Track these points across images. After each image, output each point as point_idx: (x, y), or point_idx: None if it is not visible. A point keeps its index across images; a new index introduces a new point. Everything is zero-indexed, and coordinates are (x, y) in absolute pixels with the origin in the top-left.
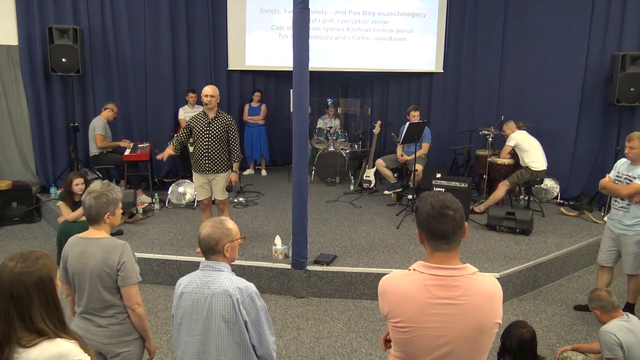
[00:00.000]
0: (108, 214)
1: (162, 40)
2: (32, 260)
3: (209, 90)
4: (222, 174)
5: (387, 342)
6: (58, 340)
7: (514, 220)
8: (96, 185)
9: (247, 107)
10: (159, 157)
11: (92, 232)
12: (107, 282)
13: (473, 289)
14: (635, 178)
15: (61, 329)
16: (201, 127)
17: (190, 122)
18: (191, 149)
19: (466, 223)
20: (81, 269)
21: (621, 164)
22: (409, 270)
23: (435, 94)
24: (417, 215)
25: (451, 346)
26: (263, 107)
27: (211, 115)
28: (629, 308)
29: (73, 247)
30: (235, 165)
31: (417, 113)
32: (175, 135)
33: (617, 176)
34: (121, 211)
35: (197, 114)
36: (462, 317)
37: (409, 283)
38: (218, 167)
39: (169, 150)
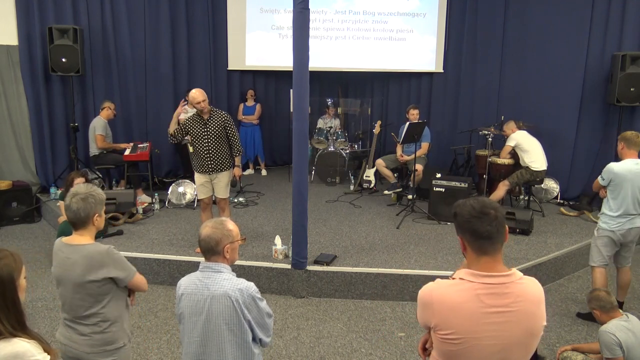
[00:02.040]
0: (97, 215)
1: (162, 40)
2: None
3: (199, 96)
4: (224, 172)
5: (425, 350)
6: (14, 340)
7: (514, 220)
8: (79, 187)
9: (241, 106)
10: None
11: (75, 238)
12: (90, 290)
13: (523, 294)
14: None
15: (20, 329)
16: (198, 129)
17: (186, 124)
18: (191, 149)
19: (506, 226)
20: (64, 276)
21: None
22: (453, 278)
23: (435, 94)
24: (458, 220)
25: (504, 353)
26: (258, 106)
27: (205, 116)
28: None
29: (57, 252)
30: (237, 160)
31: (416, 112)
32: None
33: None
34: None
35: (192, 116)
36: (515, 324)
37: (459, 293)
38: (221, 166)
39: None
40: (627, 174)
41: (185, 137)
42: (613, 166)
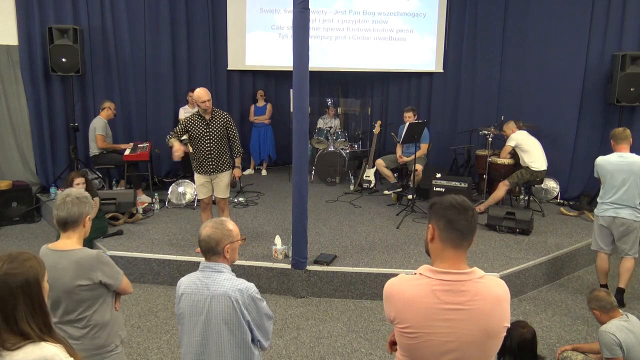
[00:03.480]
0: (88, 216)
1: (162, 40)
2: (20, 261)
3: (204, 95)
4: (224, 172)
5: (393, 344)
6: (43, 343)
7: (514, 220)
8: (70, 191)
9: (252, 107)
10: (176, 157)
11: (63, 243)
12: (81, 296)
13: (481, 293)
14: None
15: (46, 332)
16: (200, 129)
17: (187, 124)
18: (191, 149)
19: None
20: (53, 283)
21: None
22: (415, 274)
23: (435, 94)
24: (435, 207)
25: (459, 352)
26: (268, 106)
27: (208, 116)
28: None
29: (44, 259)
30: (238, 161)
31: (409, 114)
32: (172, 133)
33: None
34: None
35: (193, 116)
36: (471, 322)
37: (416, 288)
38: (222, 166)
39: (181, 147)
40: (606, 164)
41: (184, 137)
42: (598, 159)
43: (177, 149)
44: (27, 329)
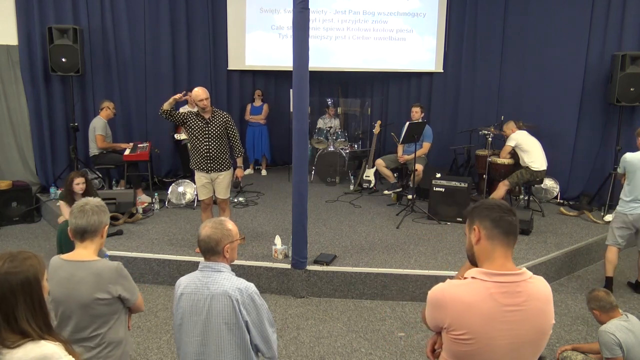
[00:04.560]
0: (106, 225)
1: (162, 40)
2: (20, 260)
3: (201, 94)
4: (225, 172)
5: (434, 351)
6: (42, 342)
7: None
8: (87, 199)
9: (249, 106)
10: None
11: (79, 254)
12: (97, 310)
13: (534, 293)
14: None
15: (46, 331)
16: (199, 128)
17: (187, 117)
18: (190, 147)
19: None
20: (67, 296)
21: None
22: (465, 278)
23: (435, 94)
24: (479, 208)
25: (516, 352)
26: (265, 106)
27: (207, 115)
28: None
29: (57, 271)
30: (239, 161)
31: (416, 109)
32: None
33: None
34: None
35: (193, 113)
36: (527, 323)
37: (473, 292)
38: (221, 166)
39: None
40: (636, 161)
41: (183, 137)
42: (627, 155)
43: (177, 96)
44: (27, 327)
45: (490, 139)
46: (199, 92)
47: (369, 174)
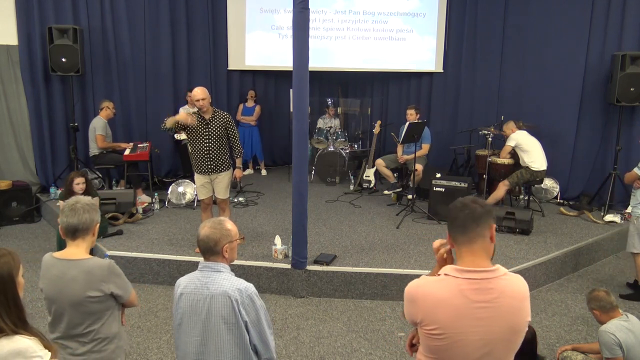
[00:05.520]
0: (97, 223)
1: (162, 40)
2: None
3: (199, 94)
4: (224, 172)
5: (413, 346)
6: (16, 337)
7: (513, 220)
8: (78, 198)
9: (241, 106)
10: (182, 118)
11: (71, 252)
12: (89, 308)
13: (507, 290)
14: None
15: (21, 326)
16: (199, 129)
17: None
18: (190, 148)
19: (493, 227)
20: (59, 293)
21: None
22: (439, 275)
23: (435, 94)
24: (448, 216)
25: (488, 348)
26: (257, 108)
27: (207, 116)
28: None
29: (49, 269)
30: (238, 161)
31: (411, 112)
32: (165, 119)
33: None
34: None
35: (194, 114)
36: (499, 320)
37: (444, 288)
38: (220, 167)
39: (185, 115)
40: None
41: (183, 137)
42: None
43: (182, 116)
44: (1, 323)
45: (490, 139)
46: (197, 92)
47: (369, 174)
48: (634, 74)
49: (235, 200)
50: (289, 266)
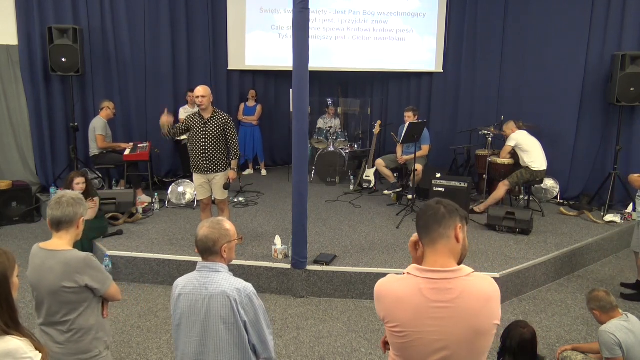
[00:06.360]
0: (82, 217)
1: (162, 40)
2: None
3: (200, 90)
4: (221, 173)
5: (386, 344)
6: (7, 337)
7: (513, 220)
8: (64, 192)
9: (242, 106)
10: (163, 121)
11: (54, 243)
12: (65, 298)
13: (468, 291)
14: None
15: (13, 327)
16: (197, 127)
17: (187, 121)
18: (189, 147)
19: (459, 228)
20: (39, 282)
21: None
22: (404, 274)
23: (435, 94)
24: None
25: (449, 350)
26: (258, 107)
27: (207, 115)
28: None
29: (33, 258)
30: (234, 163)
31: (409, 114)
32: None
33: None
34: None
35: (194, 114)
36: (458, 321)
37: (403, 287)
38: (216, 167)
39: (167, 117)
40: None
41: (183, 137)
42: None
43: (163, 120)
44: None
45: (490, 139)
46: (198, 89)
47: (369, 174)
48: (634, 74)
49: (235, 200)
50: (289, 266)
